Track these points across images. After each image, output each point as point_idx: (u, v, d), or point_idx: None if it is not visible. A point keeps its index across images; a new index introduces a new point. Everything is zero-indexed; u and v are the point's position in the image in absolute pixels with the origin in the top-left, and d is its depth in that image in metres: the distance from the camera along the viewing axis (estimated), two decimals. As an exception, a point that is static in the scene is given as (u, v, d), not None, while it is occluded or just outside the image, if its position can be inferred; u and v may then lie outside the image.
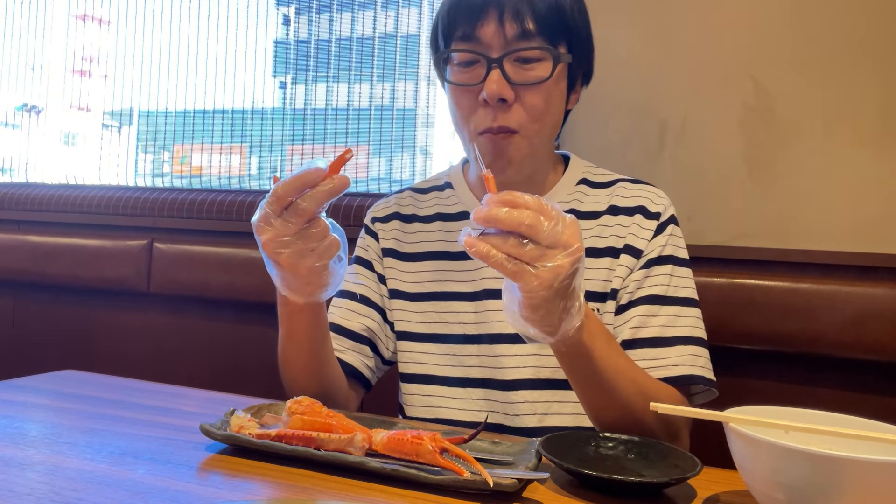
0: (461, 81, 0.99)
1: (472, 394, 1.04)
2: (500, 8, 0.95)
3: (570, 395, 0.97)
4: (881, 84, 1.30)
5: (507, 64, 0.95)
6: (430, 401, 1.06)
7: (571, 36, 0.99)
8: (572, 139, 1.51)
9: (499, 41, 0.95)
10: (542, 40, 0.96)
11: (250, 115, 2.18)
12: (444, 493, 0.67)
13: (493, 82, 0.95)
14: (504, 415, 1.02)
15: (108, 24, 2.38)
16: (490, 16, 0.95)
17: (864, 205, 1.31)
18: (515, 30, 0.95)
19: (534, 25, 0.95)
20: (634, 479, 0.69)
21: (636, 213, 1.05)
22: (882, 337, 1.22)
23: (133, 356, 1.84)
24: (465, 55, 0.98)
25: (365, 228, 1.19)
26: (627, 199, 1.06)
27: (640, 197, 1.06)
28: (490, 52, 0.96)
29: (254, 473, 0.71)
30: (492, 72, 0.95)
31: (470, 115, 0.99)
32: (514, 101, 0.96)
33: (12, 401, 0.94)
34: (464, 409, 1.04)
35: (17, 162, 2.54)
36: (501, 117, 0.96)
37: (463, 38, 0.97)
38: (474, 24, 0.96)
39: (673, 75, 1.43)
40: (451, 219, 1.11)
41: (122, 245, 1.86)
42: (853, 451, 0.60)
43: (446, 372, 1.06)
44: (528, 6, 0.95)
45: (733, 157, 1.39)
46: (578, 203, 1.07)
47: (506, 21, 0.95)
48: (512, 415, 1.01)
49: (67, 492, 0.63)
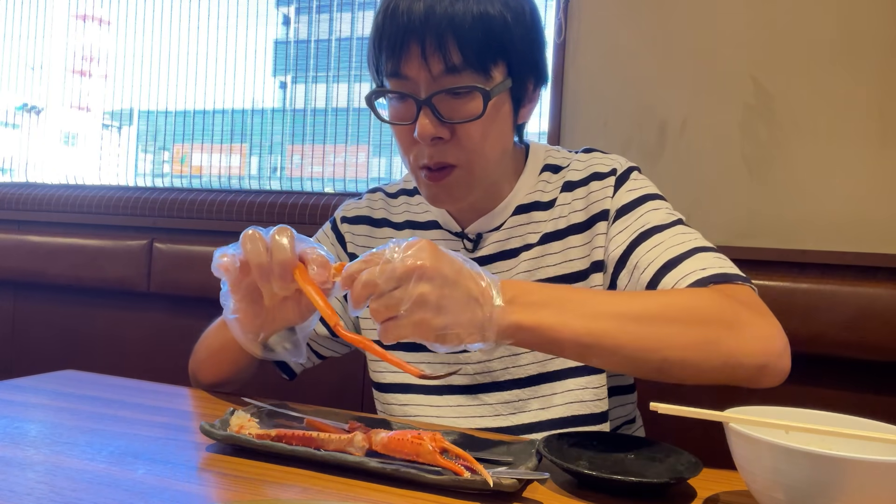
0: (395, 118, 0.94)
1: (449, 401, 1.02)
2: (421, 40, 0.87)
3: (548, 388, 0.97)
4: (881, 84, 1.30)
5: (438, 101, 0.89)
6: (407, 409, 1.04)
7: (509, 52, 0.90)
8: (572, 139, 1.51)
9: (425, 78, 0.88)
10: (471, 73, 0.88)
11: (250, 115, 2.18)
12: (444, 493, 0.67)
13: (424, 123, 0.89)
14: (483, 417, 1.01)
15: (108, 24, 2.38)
16: (412, 51, 0.88)
17: (864, 205, 1.31)
18: (440, 66, 0.87)
19: (459, 57, 0.87)
20: (634, 479, 0.69)
21: (590, 181, 0.99)
22: (882, 337, 1.22)
23: (133, 356, 1.84)
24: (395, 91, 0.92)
25: (332, 226, 1.15)
26: (580, 172, 1.01)
27: (591, 165, 1.01)
28: (417, 91, 0.89)
29: (254, 473, 0.71)
30: (421, 112, 0.89)
31: (409, 149, 0.95)
32: (450, 137, 0.91)
33: (12, 401, 0.94)
34: (442, 416, 1.02)
35: (17, 162, 2.55)
36: (437, 153, 0.92)
37: (391, 74, 0.91)
38: (398, 61, 0.89)
39: (673, 75, 1.43)
40: (421, 227, 1.08)
41: (122, 245, 1.86)
42: (853, 451, 0.60)
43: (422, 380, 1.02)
44: (452, 34, 0.86)
45: (733, 157, 1.39)
46: (541, 194, 1.02)
47: (429, 56, 0.87)
48: (492, 416, 1.00)
49: (67, 492, 0.63)
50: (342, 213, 1.15)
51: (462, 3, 0.87)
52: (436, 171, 0.93)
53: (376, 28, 0.92)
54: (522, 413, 0.99)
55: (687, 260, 0.88)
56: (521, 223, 1.02)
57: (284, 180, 2.16)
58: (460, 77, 0.88)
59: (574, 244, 0.99)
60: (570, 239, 0.99)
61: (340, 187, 2.05)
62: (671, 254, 0.89)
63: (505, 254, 1.02)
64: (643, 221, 0.94)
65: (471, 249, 1.03)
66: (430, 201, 0.98)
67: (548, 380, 0.98)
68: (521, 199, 1.03)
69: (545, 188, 1.03)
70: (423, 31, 0.87)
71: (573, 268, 0.98)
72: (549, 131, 1.54)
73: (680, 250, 0.89)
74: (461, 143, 0.91)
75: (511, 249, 1.01)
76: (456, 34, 0.86)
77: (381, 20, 0.91)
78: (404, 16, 0.88)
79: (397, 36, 0.88)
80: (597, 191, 0.99)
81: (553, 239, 1.00)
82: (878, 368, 1.26)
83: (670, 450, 0.76)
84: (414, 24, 0.87)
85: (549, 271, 0.99)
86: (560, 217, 1.00)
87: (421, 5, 0.87)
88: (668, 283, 0.87)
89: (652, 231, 0.92)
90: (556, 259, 0.99)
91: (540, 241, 1.00)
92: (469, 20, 0.87)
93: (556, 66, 1.52)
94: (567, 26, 1.52)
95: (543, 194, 1.03)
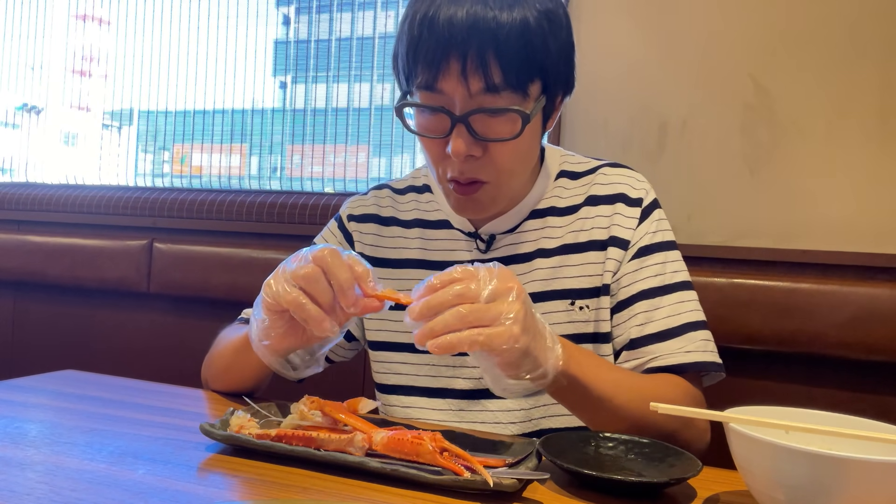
0: (426, 131, 0.91)
1: (451, 405, 1.02)
2: (462, 56, 0.83)
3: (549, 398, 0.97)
4: (881, 84, 1.30)
5: (473, 119, 0.87)
6: (409, 412, 1.04)
7: (545, 70, 0.89)
8: (572, 139, 1.51)
9: (462, 95, 0.86)
10: (511, 93, 0.86)
11: (250, 115, 2.18)
12: (444, 493, 0.67)
13: (458, 142, 0.87)
14: (484, 423, 1.00)
15: (108, 24, 2.38)
16: (452, 66, 0.84)
17: (864, 205, 1.31)
18: (480, 84, 0.84)
19: (500, 77, 0.84)
20: (634, 479, 0.69)
21: (617, 201, 1.00)
22: (882, 337, 1.22)
23: (133, 356, 1.84)
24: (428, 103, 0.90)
25: (338, 223, 1.13)
26: (606, 187, 1.02)
27: (620, 184, 1.01)
28: (453, 107, 0.87)
29: (254, 473, 0.71)
30: (455, 129, 0.87)
31: (438, 161, 0.93)
32: (482, 155, 0.89)
33: (12, 401, 0.94)
34: (444, 420, 1.01)
35: (17, 162, 2.55)
36: (469, 169, 0.90)
37: (424, 86, 0.87)
38: (435, 75, 0.86)
39: (673, 75, 1.43)
40: (431, 226, 1.07)
41: (122, 245, 1.86)
42: (853, 451, 0.60)
43: (426, 383, 1.03)
44: (494, 52, 0.83)
45: (733, 157, 1.39)
46: (558, 199, 1.03)
47: (469, 73, 0.84)
48: (492, 423, 1.00)
49: (67, 492, 0.63)
50: (348, 211, 1.13)
51: (507, 13, 0.84)
52: (465, 185, 0.92)
53: (412, 37, 0.87)
54: (524, 423, 0.99)
55: (677, 339, 0.95)
56: (536, 227, 1.02)
57: (284, 180, 2.16)
58: (499, 97, 0.86)
59: (592, 260, 1.00)
60: (589, 254, 1.00)
61: (340, 187, 2.05)
62: (665, 325, 0.95)
63: (518, 257, 1.01)
64: (657, 276, 0.98)
65: (483, 250, 1.03)
66: (456, 211, 0.98)
67: None
68: (536, 203, 1.03)
69: (562, 194, 1.03)
70: (465, 47, 0.84)
71: (590, 283, 1.00)
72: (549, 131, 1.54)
73: (675, 323, 0.96)
74: (494, 160, 0.90)
75: (524, 254, 1.01)
76: (497, 52, 0.84)
77: (419, 30, 0.86)
78: (445, 28, 0.84)
79: (437, 50, 0.85)
80: (622, 215, 1.00)
81: (573, 251, 1.00)
82: (878, 368, 1.26)
83: (670, 450, 0.76)
84: (455, 38, 0.84)
85: (567, 283, 1.00)
86: (582, 230, 1.01)
87: (463, 14, 0.84)
88: (652, 352, 0.95)
89: (661, 291, 0.97)
90: (574, 272, 1.00)
91: (559, 249, 1.01)
92: (512, 36, 0.84)
93: (556, 66, 1.52)
94: (567, 26, 1.52)
95: (560, 200, 1.03)
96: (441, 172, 0.94)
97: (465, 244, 1.04)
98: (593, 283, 0.99)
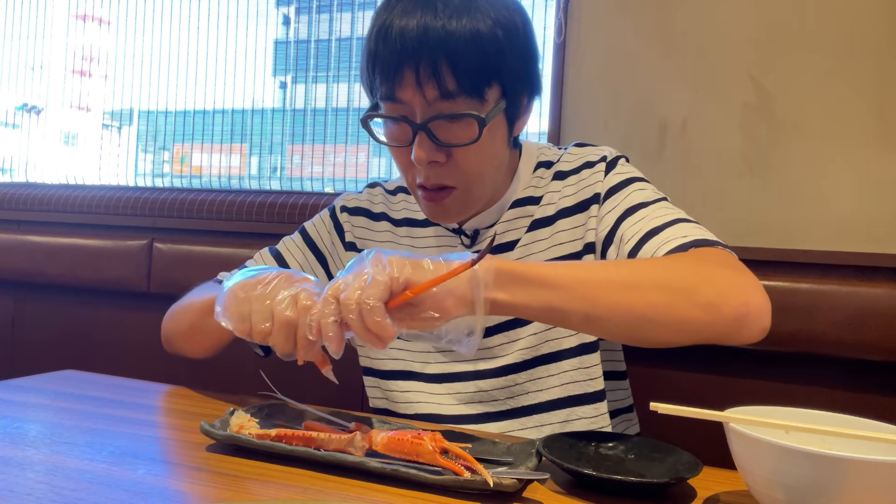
0: (391, 140, 0.94)
1: (448, 388, 1.04)
2: (415, 65, 0.86)
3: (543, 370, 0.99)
4: (881, 84, 1.30)
5: (433, 126, 0.89)
6: (409, 396, 1.05)
7: (503, 74, 0.90)
8: (572, 139, 1.51)
9: (420, 103, 0.88)
10: (466, 99, 0.88)
11: (250, 115, 2.18)
12: (444, 493, 0.67)
13: (419, 149, 0.89)
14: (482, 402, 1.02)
15: (108, 24, 2.38)
16: (406, 76, 0.87)
17: (864, 205, 1.31)
18: (435, 91, 0.87)
19: (454, 83, 0.86)
20: (634, 479, 0.69)
21: (581, 169, 1.02)
22: (882, 337, 1.22)
23: (133, 356, 1.84)
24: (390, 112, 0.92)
25: (330, 213, 1.16)
26: (571, 163, 1.03)
27: (583, 157, 1.03)
28: (414, 116, 0.90)
29: (254, 473, 0.71)
30: (417, 137, 0.89)
31: (407, 169, 0.96)
32: (446, 160, 0.92)
33: (12, 401, 0.94)
34: (443, 402, 1.03)
35: (17, 162, 2.55)
36: (435, 175, 0.93)
37: (385, 97, 0.91)
38: (393, 85, 0.88)
39: (673, 75, 1.43)
40: (419, 224, 1.10)
41: (122, 245, 1.86)
42: (853, 451, 0.60)
43: (425, 368, 1.05)
44: (446, 60, 0.86)
45: (733, 157, 1.39)
46: (534, 189, 1.04)
47: (423, 81, 0.86)
48: (490, 401, 1.02)
49: (67, 492, 0.63)
50: (342, 203, 1.16)
51: (455, 21, 0.86)
52: (433, 192, 0.95)
53: (369, 50, 0.91)
54: (520, 396, 1.01)
55: (668, 228, 0.90)
56: (517, 216, 1.04)
57: (284, 180, 2.16)
58: (455, 103, 0.88)
59: (563, 227, 1.01)
60: (559, 223, 1.01)
61: (340, 187, 2.05)
62: (653, 224, 0.91)
63: (501, 247, 1.04)
64: (629, 200, 0.96)
65: (468, 245, 1.06)
66: (429, 217, 1.01)
67: (542, 362, 1.00)
68: (516, 196, 1.05)
69: (538, 184, 1.05)
70: (417, 57, 0.86)
71: (564, 251, 1.00)
72: (549, 131, 1.54)
73: (662, 220, 0.91)
74: (459, 165, 0.92)
75: (507, 242, 1.04)
76: (450, 60, 0.86)
77: (375, 43, 0.90)
78: (397, 40, 0.87)
79: (391, 61, 0.88)
80: (588, 177, 1.01)
81: (542, 225, 1.02)
82: (877, 368, 1.26)
83: (670, 450, 0.76)
84: (407, 49, 0.86)
85: (540, 257, 1.01)
86: (549, 204, 1.03)
87: (413, 25, 0.86)
88: (648, 250, 0.88)
89: (637, 207, 0.94)
90: (544, 245, 1.01)
91: (529, 228, 1.03)
92: (462, 44, 0.86)
93: (556, 66, 1.52)
94: (567, 26, 1.52)
95: (537, 189, 1.05)
96: (410, 180, 0.97)
97: (451, 240, 1.07)
98: (570, 248, 1.00)
